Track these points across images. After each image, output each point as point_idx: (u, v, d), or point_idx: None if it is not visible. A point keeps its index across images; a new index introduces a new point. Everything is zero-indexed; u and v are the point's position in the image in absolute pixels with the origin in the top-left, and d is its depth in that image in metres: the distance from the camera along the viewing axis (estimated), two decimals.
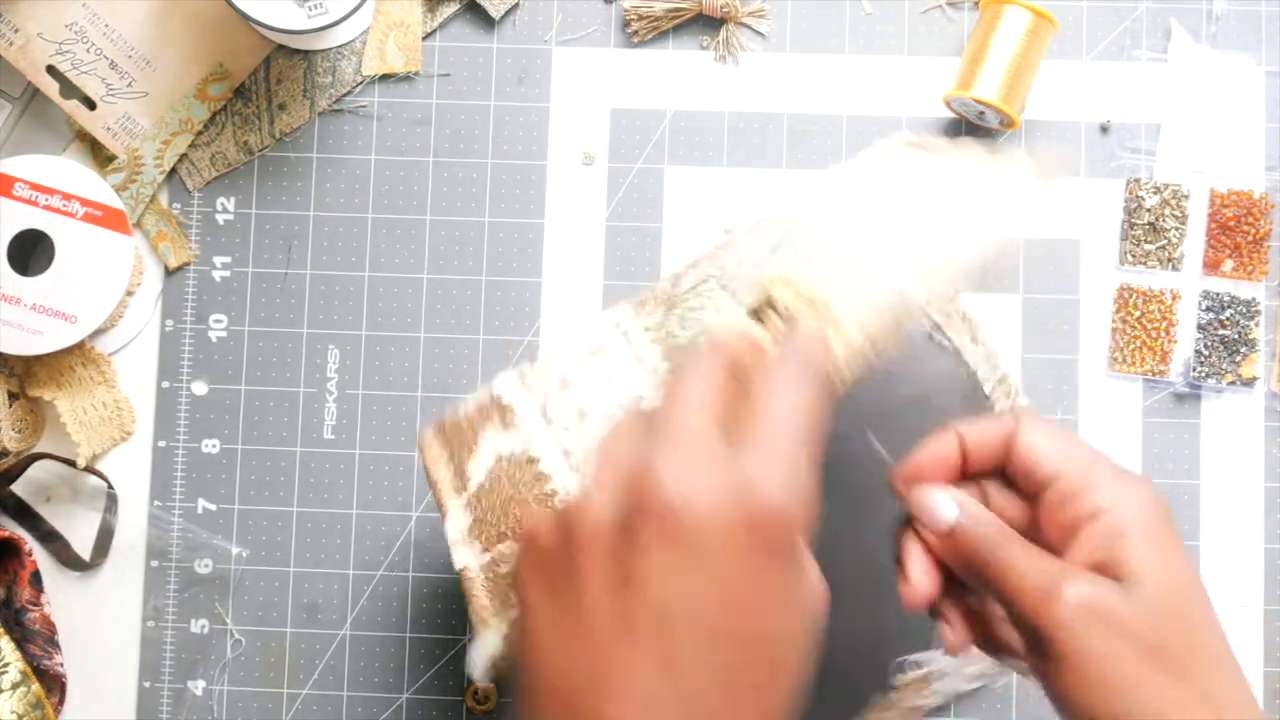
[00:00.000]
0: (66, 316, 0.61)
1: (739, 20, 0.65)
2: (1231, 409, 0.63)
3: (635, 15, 0.64)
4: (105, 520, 0.63)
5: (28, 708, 0.58)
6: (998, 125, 0.63)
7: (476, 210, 0.64)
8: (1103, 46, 0.64)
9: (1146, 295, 0.63)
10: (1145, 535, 0.41)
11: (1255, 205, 0.63)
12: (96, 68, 0.64)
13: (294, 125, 0.65)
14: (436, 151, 0.65)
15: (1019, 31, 0.60)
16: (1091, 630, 0.40)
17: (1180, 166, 0.64)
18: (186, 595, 0.63)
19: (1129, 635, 0.39)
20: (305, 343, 0.64)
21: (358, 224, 0.64)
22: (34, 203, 0.61)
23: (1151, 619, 0.40)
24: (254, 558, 0.63)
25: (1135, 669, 0.39)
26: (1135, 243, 0.63)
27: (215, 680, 0.62)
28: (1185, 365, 0.63)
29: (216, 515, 0.63)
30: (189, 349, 0.64)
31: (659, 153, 0.64)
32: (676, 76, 0.65)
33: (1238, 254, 0.63)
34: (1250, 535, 0.62)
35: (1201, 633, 0.41)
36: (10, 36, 0.63)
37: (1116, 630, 0.40)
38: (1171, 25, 0.64)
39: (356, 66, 0.65)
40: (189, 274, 0.64)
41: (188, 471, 0.63)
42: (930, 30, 0.65)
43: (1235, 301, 0.63)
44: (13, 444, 0.62)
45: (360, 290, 0.64)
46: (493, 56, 0.65)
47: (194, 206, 0.65)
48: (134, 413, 0.64)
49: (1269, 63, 0.64)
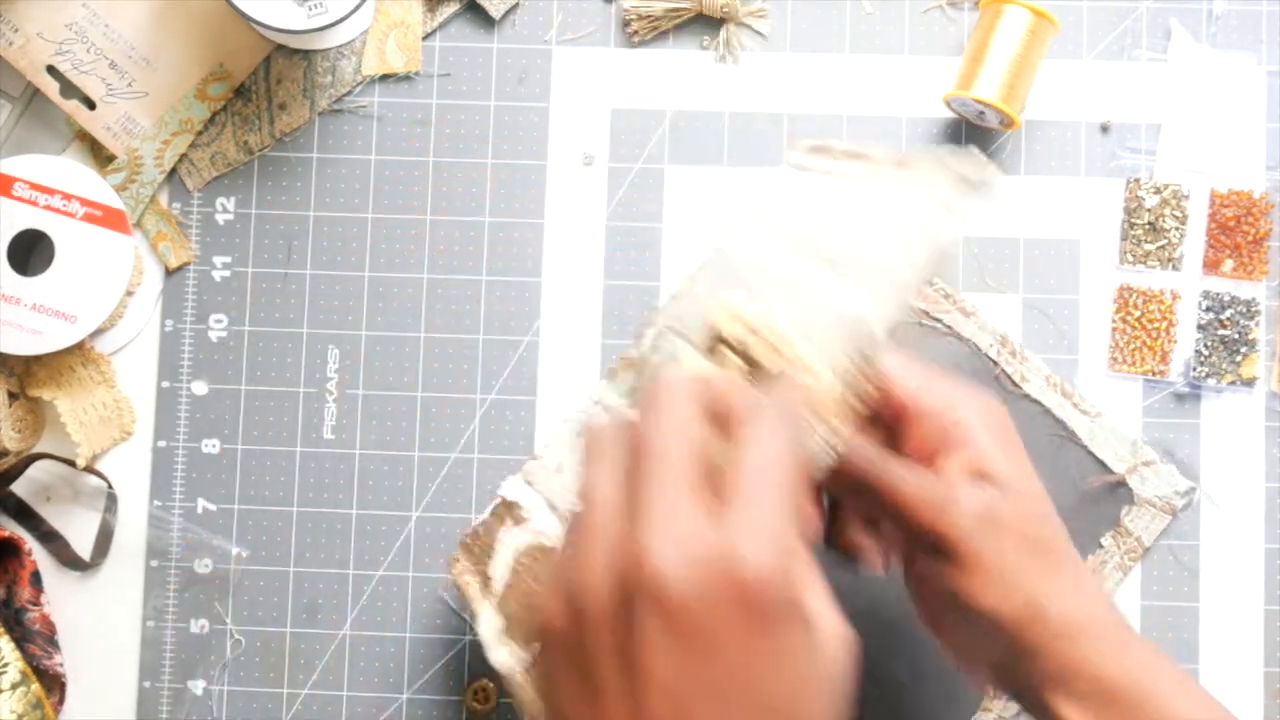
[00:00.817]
0: (66, 316, 0.61)
1: (739, 20, 0.65)
2: (1231, 409, 0.63)
3: (635, 15, 0.64)
4: (105, 520, 0.63)
5: (28, 708, 0.58)
6: (998, 125, 0.63)
7: (476, 210, 0.64)
8: (1103, 46, 0.64)
9: (1146, 295, 0.63)
10: (1002, 444, 0.48)
11: (1255, 205, 0.63)
12: (96, 68, 0.64)
13: (294, 125, 0.65)
14: (436, 151, 0.65)
15: (1019, 31, 0.60)
16: (987, 533, 0.45)
17: (1180, 166, 0.64)
18: (186, 595, 0.63)
19: (1015, 535, 0.46)
20: (305, 343, 0.64)
21: (358, 224, 0.64)
22: (34, 203, 0.61)
23: (1028, 519, 0.46)
24: (254, 558, 0.63)
25: (1023, 562, 0.45)
26: (1135, 243, 0.63)
27: (215, 680, 0.62)
28: (1185, 365, 0.63)
29: (216, 515, 0.63)
30: (189, 349, 0.64)
31: (659, 153, 0.64)
32: (676, 76, 0.65)
33: (1238, 254, 0.63)
34: (1250, 535, 0.62)
35: (1060, 531, 0.47)
36: (10, 36, 0.63)
37: (1006, 531, 0.46)
38: (1171, 25, 0.64)
39: (356, 66, 0.65)
40: (189, 274, 0.64)
41: (188, 471, 0.63)
42: (930, 30, 0.65)
43: (1235, 301, 0.63)
44: (13, 444, 0.62)
45: (360, 290, 0.64)
46: (493, 56, 0.65)
47: (194, 206, 0.65)
48: (134, 413, 0.64)
49: (1269, 63, 0.64)
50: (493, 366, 0.64)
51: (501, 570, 0.55)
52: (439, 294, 0.64)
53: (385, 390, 0.64)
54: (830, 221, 0.51)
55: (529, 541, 0.55)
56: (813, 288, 0.50)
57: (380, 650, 0.62)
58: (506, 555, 0.55)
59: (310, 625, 0.62)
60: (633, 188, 0.64)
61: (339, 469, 0.63)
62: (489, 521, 0.56)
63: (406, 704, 0.62)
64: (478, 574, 0.56)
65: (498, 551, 0.55)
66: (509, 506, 0.56)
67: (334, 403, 0.64)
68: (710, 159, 0.64)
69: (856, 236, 0.50)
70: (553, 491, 0.56)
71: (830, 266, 0.50)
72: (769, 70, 0.65)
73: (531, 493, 0.56)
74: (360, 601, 0.63)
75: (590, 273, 0.64)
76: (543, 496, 0.56)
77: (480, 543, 0.56)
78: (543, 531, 0.55)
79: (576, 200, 0.64)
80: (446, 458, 0.63)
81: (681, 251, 0.64)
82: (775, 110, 0.64)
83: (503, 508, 0.56)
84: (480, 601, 0.55)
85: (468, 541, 0.56)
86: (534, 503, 0.56)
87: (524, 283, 0.64)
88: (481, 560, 0.56)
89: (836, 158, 0.54)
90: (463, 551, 0.56)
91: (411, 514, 0.63)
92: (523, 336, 0.64)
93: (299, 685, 0.62)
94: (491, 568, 0.55)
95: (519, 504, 0.56)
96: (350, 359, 0.64)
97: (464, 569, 0.56)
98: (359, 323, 0.64)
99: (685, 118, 0.64)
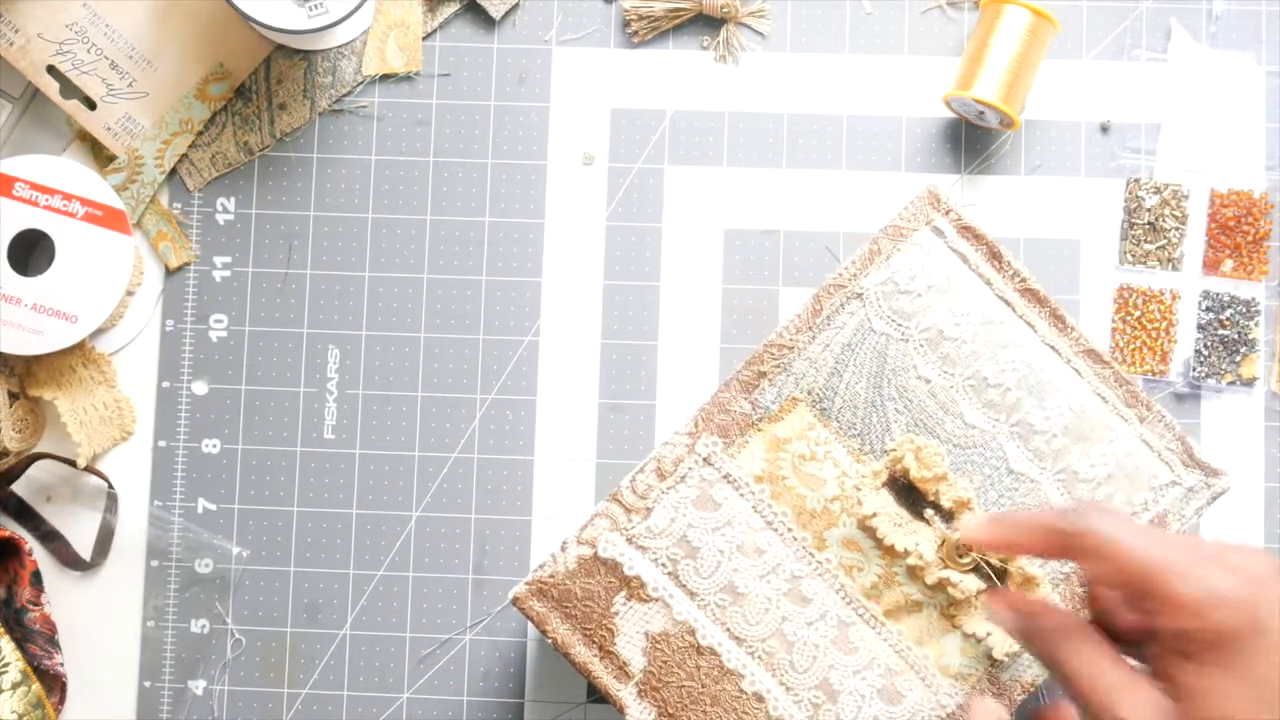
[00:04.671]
0: (66, 316, 0.61)
1: (739, 20, 0.65)
2: (1231, 409, 0.63)
3: (635, 15, 0.64)
4: (105, 520, 0.63)
5: (28, 708, 0.58)
6: (998, 125, 0.63)
7: (476, 210, 0.64)
8: (1103, 46, 0.64)
9: (1146, 295, 0.63)
10: (1214, 649, 0.41)
11: (1255, 205, 0.63)
12: (97, 68, 0.64)
13: (294, 125, 0.65)
14: (436, 151, 0.65)
15: (1019, 31, 0.60)
16: None
17: (1180, 166, 0.64)
18: (186, 595, 0.63)
19: None
20: (305, 343, 0.64)
21: (358, 224, 0.64)
22: (34, 203, 0.61)
23: None
24: (254, 558, 0.63)
25: None
26: (1135, 242, 0.63)
27: (215, 680, 0.62)
28: (1185, 365, 0.63)
29: (216, 515, 0.63)
30: (189, 349, 0.64)
31: (659, 153, 0.64)
32: (676, 76, 0.65)
33: (1238, 254, 0.63)
34: (1250, 535, 0.62)
35: None
36: (10, 36, 0.63)
37: None
38: (1171, 25, 0.64)
39: (356, 66, 0.65)
40: (189, 274, 0.64)
41: (188, 471, 0.63)
42: (930, 30, 0.65)
43: (1235, 301, 0.63)
44: (13, 444, 0.62)
45: (360, 290, 0.64)
46: (493, 56, 0.65)
47: (194, 206, 0.65)
48: (134, 413, 0.64)
49: (1269, 63, 0.64)
50: (493, 366, 0.64)
51: (634, 654, 0.52)
52: (439, 294, 0.64)
53: (385, 390, 0.64)
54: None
55: (668, 629, 0.52)
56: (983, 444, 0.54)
57: (380, 650, 0.62)
58: (637, 638, 0.52)
59: (310, 625, 0.63)
60: (633, 188, 0.64)
61: (339, 469, 0.63)
62: (578, 576, 0.53)
63: (406, 704, 0.62)
64: (589, 644, 0.52)
65: (620, 629, 0.52)
66: (623, 580, 0.53)
67: (334, 403, 0.64)
68: (710, 159, 0.64)
69: None
70: (681, 570, 0.53)
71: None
72: (769, 70, 0.65)
73: (648, 565, 0.53)
74: (360, 601, 0.63)
75: (590, 273, 0.64)
76: (663, 571, 0.53)
77: (574, 601, 0.53)
78: (688, 623, 0.52)
79: (576, 200, 0.64)
80: (446, 458, 0.63)
81: (682, 251, 0.64)
82: (775, 110, 0.64)
83: (606, 571, 0.53)
84: (618, 687, 0.52)
85: (545, 587, 0.53)
86: (657, 580, 0.53)
87: (524, 283, 0.64)
88: (588, 628, 0.52)
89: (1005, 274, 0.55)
90: (536, 595, 0.53)
91: (411, 514, 0.63)
92: (523, 336, 0.64)
93: (299, 685, 0.62)
94: (619, 646, 0.52)
95: (641, 579, 0.52)
96: (350, 359, 0.64)
97: (564, 631, 0.52)
98: (359, 323, 0.64)
99: (685, 118, 0.64)
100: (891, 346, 0.54)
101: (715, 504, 0.53)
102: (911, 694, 0.52)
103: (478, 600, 0.62)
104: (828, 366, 0.54)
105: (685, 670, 0.52)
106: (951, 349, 0.54)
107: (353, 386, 0.64)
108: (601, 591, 0.53)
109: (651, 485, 0.53)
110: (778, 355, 0.54)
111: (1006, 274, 0.55)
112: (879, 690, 0.52)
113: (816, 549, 0.53)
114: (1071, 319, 0.54)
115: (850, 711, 0.52)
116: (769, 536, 0.53)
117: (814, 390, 0.54)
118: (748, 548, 0.53)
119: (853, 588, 0.53)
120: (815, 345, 0.54)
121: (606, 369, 0.63)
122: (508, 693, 0.62)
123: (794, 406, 0.54)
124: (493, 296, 0.64)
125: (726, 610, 0.52)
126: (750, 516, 0.53)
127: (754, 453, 0.54)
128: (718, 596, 0.53)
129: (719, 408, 0.54)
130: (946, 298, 0.54)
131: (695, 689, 0.52)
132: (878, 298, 0.54)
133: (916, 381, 0.54)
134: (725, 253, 0.64)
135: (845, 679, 0.52)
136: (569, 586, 0.53)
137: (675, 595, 0.53)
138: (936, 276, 0.54)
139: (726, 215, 0.64)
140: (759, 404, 0.54)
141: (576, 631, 0.53)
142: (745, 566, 0.53)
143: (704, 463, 0.53)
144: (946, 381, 0.54)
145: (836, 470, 0.53)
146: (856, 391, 0.54)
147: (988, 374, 0.54)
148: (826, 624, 0.52)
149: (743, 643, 0.52)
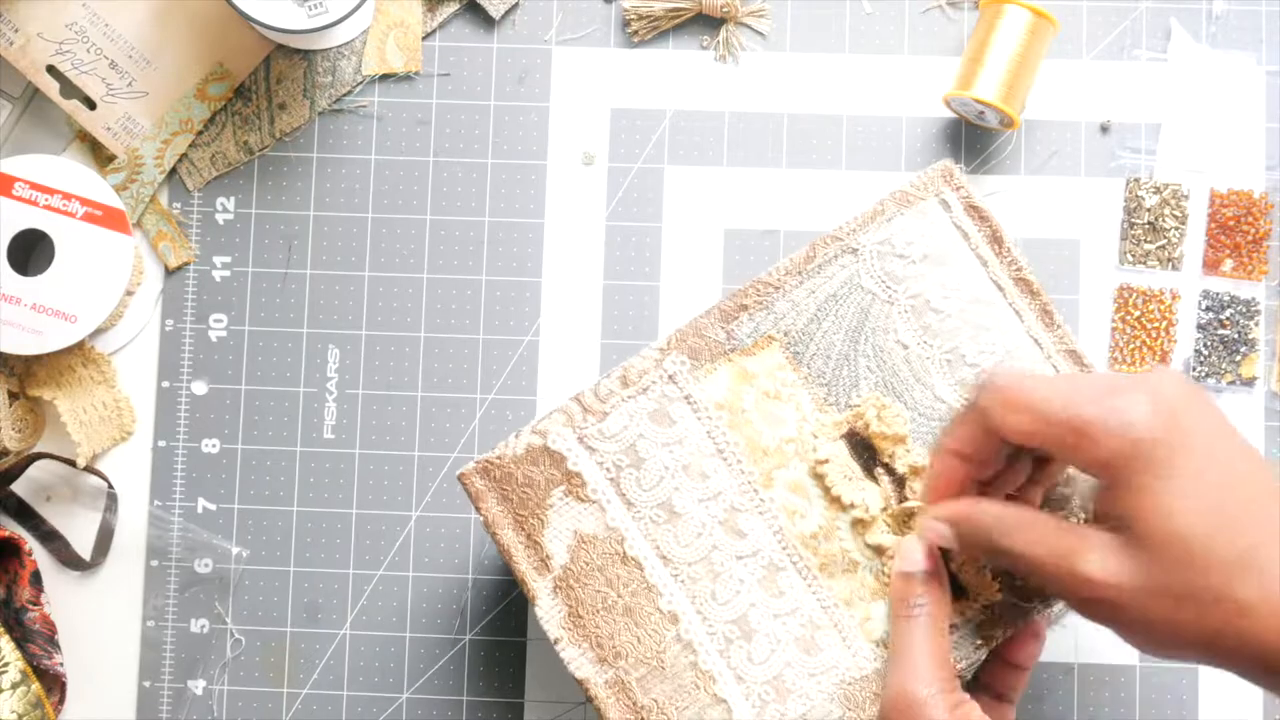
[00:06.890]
0: (66, 316, 0.61)
1: (739, 20, 0.65)
2: (1231, 409, 0.63)
3: (635, 15, 0.64)
4: (105, 520, 0.63)
5: (28, 707, 0.58)
6: (998, 125, 0.63)
7: (476, 210, 0.64)
8: (1103, 46, 0.64)
9: (1146, 295, 0.63)
10: (1146, 468, 0.43)
11: (1255, 205, 0.63)
12: (97, 68, 0.64)
13: (294, 125, 0.65)
14: (436, 151, 0.65)
15: (1019, 31, 0.60)
16: (1116, 593, 0.43)
17: (1180, 166, 0.64)
18: (186, 595, 0.63)
19: (1141, 588, 0.43)
20: (305, 343, 0.64)
21: (358, 224, 0.64)
22: (34, 203, 0.61)
23: (1155, 572, 0.43)
24: (254, 558, 0.63)
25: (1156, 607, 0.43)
26: (1135, 242, 0.63)
27: (215, 680, 0.62)
28: (1185, 365, 0.63)
29: (216, 515, 0.63)
30: (189, 349, 0.64)
31: (659, 153, 0.64)
32: (676, 76, 0.65)
33: (1238, 254, 0.63)
34: None
35: (1209, 574, 0.42)
36: (10, 36, 0.63)
37: (1133, 587, 0.43)
38: (1171, 25, 0.64)
39: (356, 66, 0.65)
40: (189, 274, 0.64)
41: (188, 471, 0.63)
42: (930, 30, 0.65)
43: (1235, 301, 0.63)
44: (13, 444, 0.62)
45: (360, 290, 0.64)
46: (493, 56, 0.65)
47: (194, 206, 0.65)
48: (134, 412, 0.64)
49: (1269, 63, 0.64)
50: (493, 366, 0.64)
51: (559, 549, 0.52)
52: (439, 294, 0.64)
53: (385, 390, 0.64)
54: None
55: (597, 533, 0.52)
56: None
57: (380, 650, 0.62)
58: (565, 535, 0.52)
59: (310, 625, 0.62)
60: (633, 188, 0.64)
61: (339, 469, 0.63)
62: (524, 463, 0.52)
63: (406, 704, 0.62)
64: (519, 529, 0.52)
65: (551, 521, 0.52)
66: (566, 474, 0.52)
67: (334, 402, 0.64)
68: (710, 159, 0.64)
69: None
70: (624, 479, 0.52)
71: None
72: (769, 70, 0.65)
73: (592, 466, 0.52)
74: (360, 601, 0.63)
75: (590, 273, 0.64)
76: (606, 476, 0.52)
77: (514, 486, 0.52)
78: (617, 530, 0.52)
79: (576, 200, 0.64)
80: (446, 458, 0.63)
81: (682, 251, 0.64)
82: (775, 110, 0.64)
83: (550, 462, 0.52)
84: (535, 577, 0.52)
85: (490, 467, 0.52)
86: (598, 483, 0.52)
87: (524, 283, 0.64)
88: (522, 516, 0.52)
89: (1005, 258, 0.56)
90: (481, 474, 0.52)
91: (411, 514, 0.63)
92: (523, 336, 0.64)
93: (299, 685, 0.62)
94: (546, 539, 0.52)
95: (582, 477, 0.52)
96: (350, 359, 0.64)
97: (497, 511, 0.52)
98: (359, 323, 0.64)
99: (685, 118, 0.64)
100: (876, 306, 0.54)
101: (671, 420, 0.53)
102: (829, 650, 0.51)
103: (477, 600, 0.62)
104: (809, 312, 0.54)
105: (606, 576, 0.52)
106: (935, 320, 0.54)
107: (352, 386, 0.64)
108: (542, 481, 0.52)
109: (613, 390, 0.53)
110: (762, 292, 0.54)
111: (1004, 259, 0.55)
112: (796, 639, 0.51)
113: (763, 486, 0.53)
114: (1060, 316, 0.54)
115: (763, 653, 0.51)
116: (716, 463, 0.53)
117: (791, 332, 0.54)
118: (693, 470, 0.52)
119: (791, 532, 0.52)
120: (801, 290, 0.54)
121: (606, 369, 0.63)
122: (508, 693, 0.62)
123: (768, 344, 0.54)
124: (492, 296, 0.64)
125: (660, 526, 0.52)
126: (702, 440, 0.53)
127: (720, 380, 0.53)
128: (653, 511, 0.52)
129: (694, 331, 0.54)
130: (940, 269, 0.54)
131: (611, 596, 0.51)
132: (872, 256, 0.54)
133: (894, 345, 0.54)
134: (725, 253, 0.64)
135: (764, 620, 0.52)
136: (512, 470, 0.52)
137: (613, 501, 0.52)
138: (934, 247, 0.54)
139: (726, 215, 0.64)
140: (734, 335, 0.54)
141: (510, 515, 0.52)
142: (687, 487, 0.52)
143: (668, 379, 0.53)
144: (924, 351, 0.54)
145: (798, 414, 0.53)
146: (832, 342, 0.54)
147: (966, 352, 0.53)
148: (757, 562, 0.52)
149: (669, 562, 0.52)
